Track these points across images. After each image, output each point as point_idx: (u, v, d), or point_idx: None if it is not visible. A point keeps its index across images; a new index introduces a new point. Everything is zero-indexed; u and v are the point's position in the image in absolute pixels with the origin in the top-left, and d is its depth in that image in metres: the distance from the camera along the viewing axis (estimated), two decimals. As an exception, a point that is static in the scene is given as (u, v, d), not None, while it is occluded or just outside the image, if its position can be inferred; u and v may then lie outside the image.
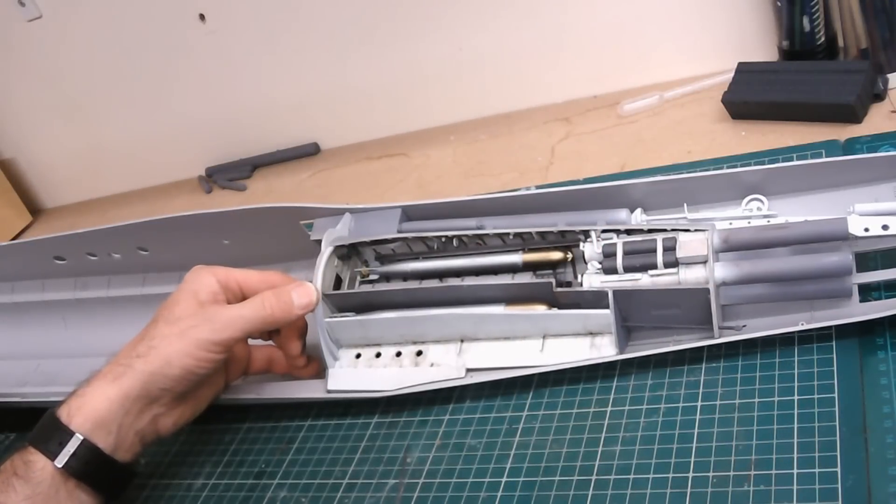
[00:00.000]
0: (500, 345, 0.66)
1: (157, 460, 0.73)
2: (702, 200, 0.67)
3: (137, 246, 0.85)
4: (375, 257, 0.74)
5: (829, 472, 0.50)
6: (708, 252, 0.60)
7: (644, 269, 0.62)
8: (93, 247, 0.87)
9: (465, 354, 0.67)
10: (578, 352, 0.64)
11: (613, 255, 0.63)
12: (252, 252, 0.82)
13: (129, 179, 1.30)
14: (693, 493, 0.52)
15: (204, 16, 1.11)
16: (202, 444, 0.73)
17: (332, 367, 0.70)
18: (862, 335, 0.57)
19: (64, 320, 0.94)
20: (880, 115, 0.77)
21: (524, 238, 0.68)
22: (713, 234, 0.61)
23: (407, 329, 0.68)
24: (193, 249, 0.83)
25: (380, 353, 0.69)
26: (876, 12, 0.80)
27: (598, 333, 0.64)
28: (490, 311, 0.66)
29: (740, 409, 0.56)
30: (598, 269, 0.64)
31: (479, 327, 0.66)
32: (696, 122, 0.88)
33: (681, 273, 0.61)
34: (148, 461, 0.73)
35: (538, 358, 0.65)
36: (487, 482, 0.59)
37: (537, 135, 0.99)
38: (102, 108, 1.24)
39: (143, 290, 0.89)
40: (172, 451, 0.74)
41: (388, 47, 1.07)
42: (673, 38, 0.96)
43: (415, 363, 0.68)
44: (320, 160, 1.16)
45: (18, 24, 1.18)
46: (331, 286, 0.71)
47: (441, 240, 0.71)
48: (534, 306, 0.65)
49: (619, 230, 0.64)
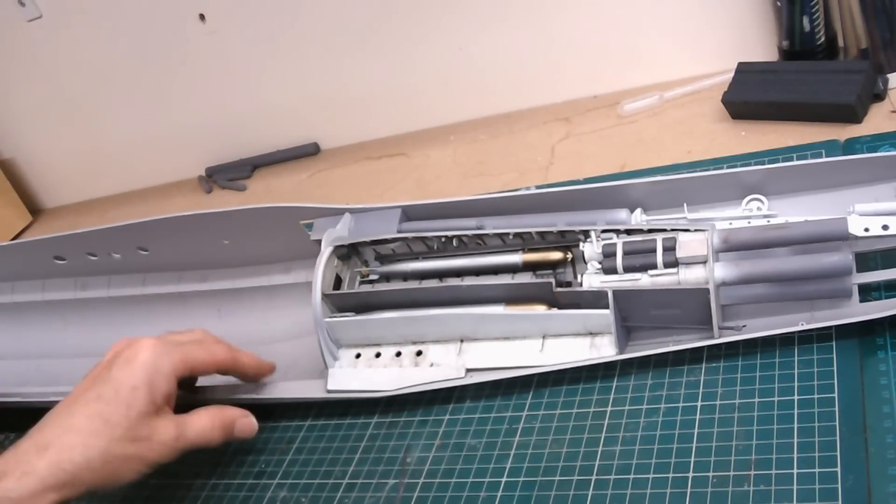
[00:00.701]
0: (499, 345, 0.66)
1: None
2: (702, 200, 0.67)
3: (137, 246, 0.85)
4: (375, 257, 0.74)
5: (829, 472, 0.50)
6: (708, 252, 0.60)
7: (644, 269, 0.62)
8: (93, 247, 0.87)
9: (465, 354, 0.67)
10: (578, 352, 0.64)
11: (613, 255, 0.63)
12: (252, 252, 0.82)
13: (129, 179, 1.30)
14: (693, 493, 0.52)
15: (204, 16, 1.11)
16: (202, 444, 0.73)
17: (332, 367, 0.70)
18: (862, 335, 0.57)
19: (64, 320, 0.94)
20: (880, 115, 0.77)
21: (524, 238, 0.68)
22: (713, 234, 0.60)
23: (407, 329, 0.68)
24: (193, 249, 0.84)
25: (379, 353, 0.69)
26: (876, 12, 0.80)
27: (597, 333, 0.64)
28: (490, 311, 0.66)
29: (740, 409, 0.56)
30: (597, 269, 0.64)
31: (478, 327, 0.66)
32: (696, 122, 0.88)
33: (680, 273, 0.61)
34: (148, 461, 0.73)
35: (538, 358, 0.64)
36: (487, 482, 0.59)
37: (537, 135, 0.99)
38: (102, 108, 1.24)
39: (143, 290, 0.89)
40: (172, 451, 0.74)
41: (388, 47, 1.07)
42: (673, 38, 0.96)
43: (414, 363, 0.68)
44: (320, 160, 1.16)
45: (18, 24, 1.18)
46: (331, 286, 0.71)
47: (441, 240, 0.71)
48: (533, 306, 0.65)
49: (619, 230, 0.64)
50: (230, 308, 0.86)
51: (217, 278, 0.87)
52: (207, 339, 0.68)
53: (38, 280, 0.94)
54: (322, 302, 0.69)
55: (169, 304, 0.89)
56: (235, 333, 0.84)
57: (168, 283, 0.88)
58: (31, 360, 0.93)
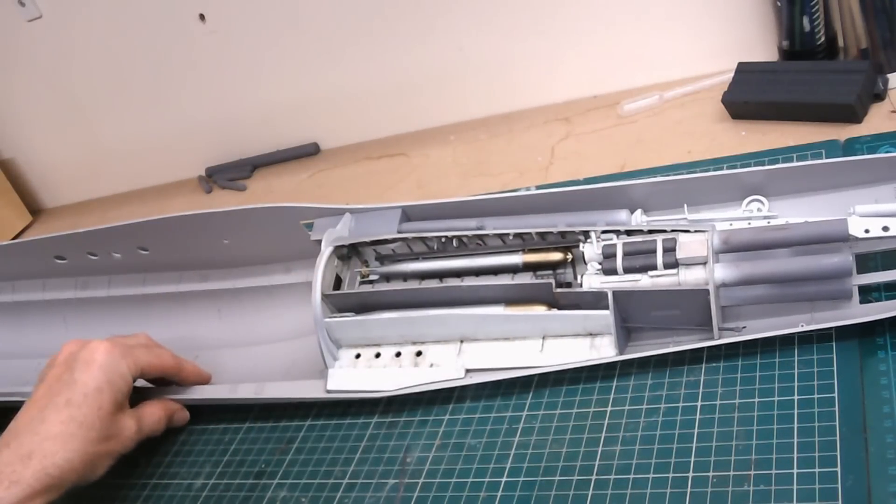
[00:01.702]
0: (499, 345, 0.66)
1: (157, 460, 0.73)
2: (702, 201, 0.67)
3: (138, 246, 0.85)
4: (375, 257, 0.74)
5: (829, 472, 0.50)
6: (708, 253, 0.60)
7: (644, 270, 0.62)
8: (93, 246, 0.87)
9: (465, 355, 0.67)
10: (578, 352, 0.64)
11: (613, 256, 0.63)
12: (252, 252, 0.82)
13: (129, 179, 1.30)
14: (693, 493, 0.52)
15: (204, 16, 1.11)
16: (202, 444, 0.73)
17: (332, 368, 0.70)
18: (862, 336, 0.57)
19: (64, 320, 0.94)
20: (880, 115, 0.77)
21: (524, 238, 0.68)
22: (713, 234, 0.60)
23: (406, 329, 0.68)
24: (193, 249, 0.84)
25: (379, 354, 0.69)
26: (876, 12, 0.80)
27: (597, 334, 0.64)
28: (490, 311, 0.66)
29: (740, 409, 0.56)
30: (597, 269, 0.64)
31: (478, 328, 0.66)
32: (696, 122, 0.88)
33: (681, 274, 0.61)
34: (148, 461, 0.73)
35: (538, 358, 0.65)
36: (487, 482, 0.59)
37: (537, 135, 0.99)
38: (102, 108, 1.24)
39: (143, 290, 0.89)
40: (172, 451, 0.74)
41: (388, 47, 1.07)
42: (673, 38, 0.96)
43: (414, 363, 0.68)
44: (320, 160, 1.16)
45: (18, 24, 1.18)
46: (331, 286, 0.71)
47: (441, 240, 0.71)
48: (533, 307, 0.65)
49: (620, 231, 0.64)
50: (230, 308, 0.87)
51: (217, 278, 0.87)
52: (152, 343, 0.74)
53: (39, 279, 0.94)
54: (322, 302, 0.69)
55: (169, 304, 0.89)
56: (235, 333, 0.85)
57: (168, 282, 0.88)
58: (32, 360, 0.93)
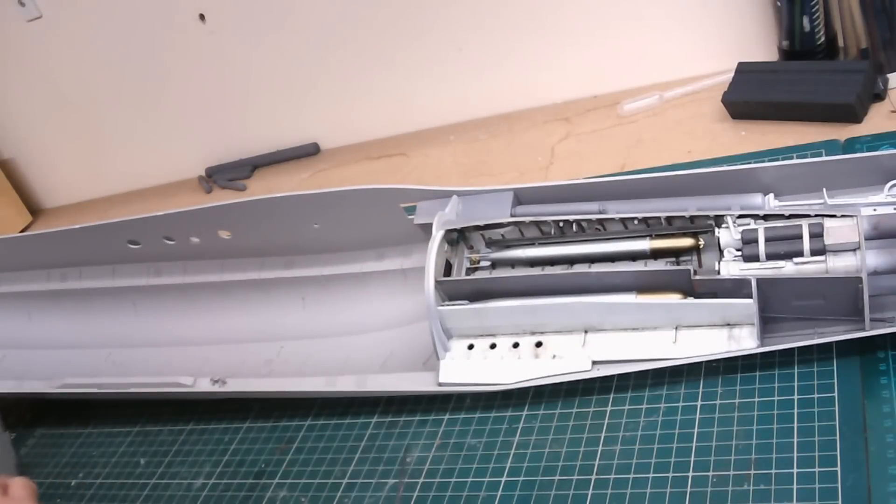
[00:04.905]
0: (628, 335, 0.62)
1: (157, 460, 0.73)
2: (839, 185, 0.62)
3: (219, 229, 0.80)
4: (486, 243, 0.70)
5: (829, 472, 0.50)
6: (860, 239, 0.56)
7: (788, 256, 0.58)
8: (172, 231, 0.81)
9: (590, 346, 0.63)
10: (715, 344, 0.60)
11: (754, 242, 0.59)
12: (343, 237, 0.78)
13: (129, 179, 1.30)
14: (693, 493, 0.52)
15: (204, 16, 1.11)
16: (202, 444, 0.73)
17: (444, 359, 0.65)
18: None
19: (135, 307, 0.89)
20: (880, 115, 0.77)
21: (649, 223, 0.64)
22: (862, 219, 0.57)
23: (526, 318, 0.64)
24: (280, 234, 0.79)
25: (495, 345, 0.65)
26: (876, 12, 0.80)
27: (735, 324, 0.60)
28: (621, 299, 0.62)
29: (740, 409, 0.56)
30: (736, 256, 0.60)
31: (606, 317, 0.63)
32: (696, 122, 0.88)
33: (829, 261, 0.57)
34: (148, 461, 0.73)
35: (671, 350, 0.61)
36: (487, 482, 0.59)
37: (537, 135, 0.99)
38: (102, 108, 1.24)
39: (221, 277, 0.84)
40: (172, 451, 0.74)
41: (388, 47, 1.07)
42: (673, 38, 0.96)
43: (535, 355, 0.64)
44: (320, 160, 1.16)
45: (18, 24, 1.19)
46: (441, 272, 0.67)
47: (559, 225, 0.67)
48: (667, 295, 0.61)
49: (758, 215, 0.60)
50: (316, 296, 0.81)
51: (303, 265, 0.81)
52: None
53: (109, 266, 0.88)
54: (433, 289, 0.65)
55: (249, 292, 0.84)
56: (321, 323, 0.80)
57: (249, 269, 0.83)
58: (101, 350, 0.89)
